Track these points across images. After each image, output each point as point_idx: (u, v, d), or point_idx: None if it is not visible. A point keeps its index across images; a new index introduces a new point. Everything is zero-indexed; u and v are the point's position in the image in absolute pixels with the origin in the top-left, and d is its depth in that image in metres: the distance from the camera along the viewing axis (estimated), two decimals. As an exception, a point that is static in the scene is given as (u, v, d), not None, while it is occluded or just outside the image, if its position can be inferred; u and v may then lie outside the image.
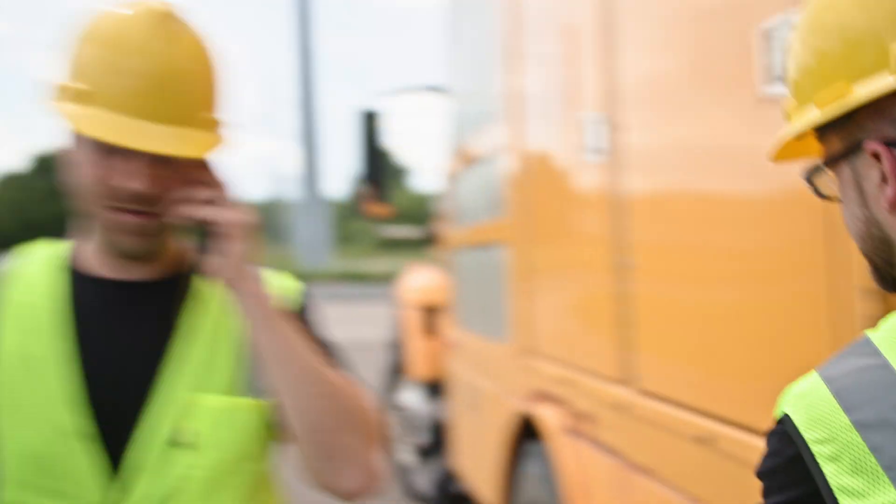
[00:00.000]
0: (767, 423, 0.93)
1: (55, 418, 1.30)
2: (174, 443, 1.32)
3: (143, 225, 1.34)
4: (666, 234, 2.19)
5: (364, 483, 1.35)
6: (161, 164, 1.31)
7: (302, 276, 1.66)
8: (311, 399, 1.33)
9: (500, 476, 3.57)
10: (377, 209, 6.06)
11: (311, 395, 1.33)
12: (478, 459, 4.15)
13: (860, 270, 1.41)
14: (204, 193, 1.34)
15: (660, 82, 2.20)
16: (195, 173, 1.35)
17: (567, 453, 2.83)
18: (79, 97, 1.26)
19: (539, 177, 3.20)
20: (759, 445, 0.99)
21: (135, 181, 1.30)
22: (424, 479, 5.80)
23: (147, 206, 1.33)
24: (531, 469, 3.23)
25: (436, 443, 5.96)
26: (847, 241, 1.26)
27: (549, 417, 3.03)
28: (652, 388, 2.25)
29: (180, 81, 1.28)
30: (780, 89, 1.61)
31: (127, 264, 1.38)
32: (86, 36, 1.30)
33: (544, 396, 3.14)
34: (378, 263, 31.29)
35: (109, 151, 1.29)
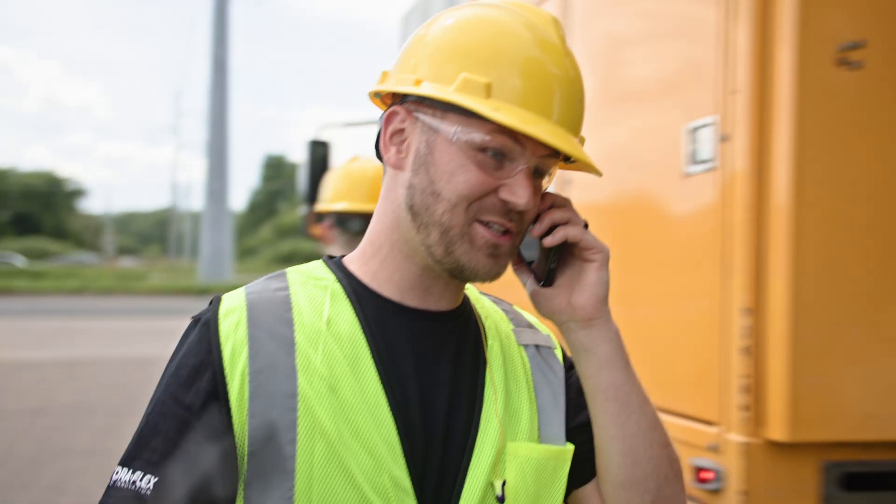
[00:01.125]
0: (685, 407, 1.57)
1: (380, 471, 1.13)
2: (490, 496, 1.18)
3: (503, 246, 1.17)
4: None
5: None
6: (534, 179, 1.18)
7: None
8: (653, 447, 1.22)
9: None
10: (321, 230, 6.70)
11: (653, 442, 1.22)
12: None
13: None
14: (562, 214, 1.20)
15: (604, 157, 2.87)
16: (547, 195, 1.22)
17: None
18: (482, 91, 1.12)
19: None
20: (681, 425, 1.62)
21: (521, 194, 1.14)
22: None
23: (513, 226, 1.17)
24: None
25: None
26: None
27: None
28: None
29: (576, 89, 1.17)
30: (697, 168, 2.27)
31: (430, 292, 1.22)
32: (481, 30, 1.16)
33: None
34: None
35: (496, 158, 1.14)
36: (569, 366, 1.31)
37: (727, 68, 2.12)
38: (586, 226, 1.20)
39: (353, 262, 1.25)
